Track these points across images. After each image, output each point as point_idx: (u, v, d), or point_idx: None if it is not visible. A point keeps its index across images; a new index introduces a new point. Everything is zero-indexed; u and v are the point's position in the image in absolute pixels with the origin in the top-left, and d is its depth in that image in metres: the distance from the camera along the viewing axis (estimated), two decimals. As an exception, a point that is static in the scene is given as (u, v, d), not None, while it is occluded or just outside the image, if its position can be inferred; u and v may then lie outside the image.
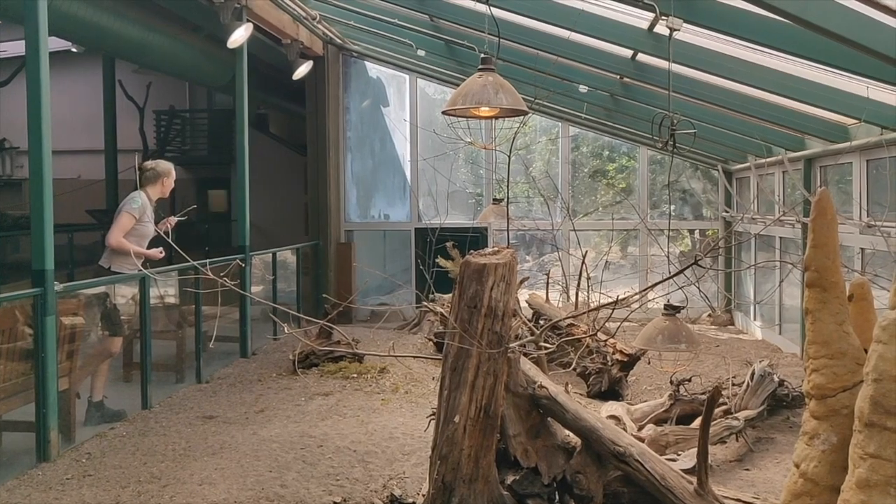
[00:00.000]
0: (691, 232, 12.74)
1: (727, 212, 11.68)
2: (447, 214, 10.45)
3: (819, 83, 6.27)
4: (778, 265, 9.45)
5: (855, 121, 6.84)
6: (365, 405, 6.79)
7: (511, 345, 3.93)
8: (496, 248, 3.95)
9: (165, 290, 7.93)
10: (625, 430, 4.80)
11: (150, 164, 7.04)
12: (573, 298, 9.17)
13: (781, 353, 8.98)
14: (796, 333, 8.86)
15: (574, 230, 10.45)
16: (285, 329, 4.66)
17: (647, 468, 3.91)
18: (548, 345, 4.86)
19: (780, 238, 9.51)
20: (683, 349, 4.92)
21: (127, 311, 7.00)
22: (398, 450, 5.52)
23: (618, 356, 7.28)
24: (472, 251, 3.97)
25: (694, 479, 3.85)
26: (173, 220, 7.03)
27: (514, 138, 5.16)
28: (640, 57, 7.39)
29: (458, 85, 4.70)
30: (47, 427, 5.39)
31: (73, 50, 15.99)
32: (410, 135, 12.22)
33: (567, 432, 4.20)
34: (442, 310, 6.14)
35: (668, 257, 7.73)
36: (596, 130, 12.01)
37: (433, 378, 7.63)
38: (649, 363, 7.69)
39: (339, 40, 11.93)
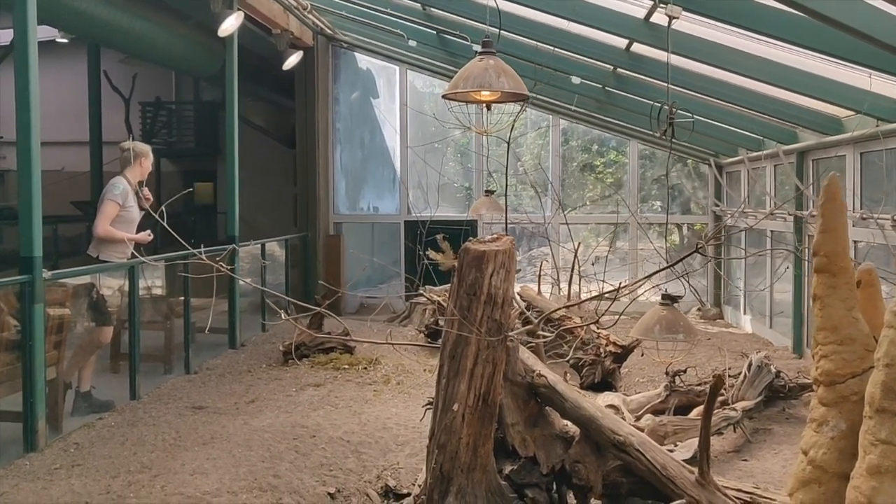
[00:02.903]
0: (679, 227, 12.74)
1: (717, 205, 11.68)
2: (437, 207, 10.36)
3: (818, 74, 6.22)
4: (769, 259, 9.45)
5: (849, 113, 6.80)
6: (357, 396, 6.73)
7: (510, 333, 3.87)
8: (495, 236, 3.89)
9: (153, 280, 7.83)
10: (623, 420, 4.75)
11: (126, 144, 6.74)
12: (564, 291, 9.13)
13: (773, 347, 8.98)
14: (787, 327, 8.86)
15: (566, 223, 10.39)
16: (282, 315, 4.55)
17: (647, 458, 3.85)
18: (546, 334, 4.81)
19: (772, 231, 9.51)
20: (681, 339, 4.87)
21: (114, 301, 6.89)
22: (392, 440, 5.47)
23: (611, 348, 7.25)
24: (470, 238, 3.91)
25: (694, 470, 3.81)
26: (147, 192, 6.84)
27: (513, 124, 5.08)
28: (634, 47, 7.35)
29: (449, 77, 4.65)
30: (35, 417, 5.31)
31: (58, 40, 15.79)
32: (400, 126, 12.15)
33: (565, 422, 4.14)
34: (439, 298, 6.08)
35: (664, 250, 7.69)
36: (587, 123, 11.96)
37: (425, 370, 7.59)
38: (643, 355, 7.67)
39: (329, 31, 11.83)
